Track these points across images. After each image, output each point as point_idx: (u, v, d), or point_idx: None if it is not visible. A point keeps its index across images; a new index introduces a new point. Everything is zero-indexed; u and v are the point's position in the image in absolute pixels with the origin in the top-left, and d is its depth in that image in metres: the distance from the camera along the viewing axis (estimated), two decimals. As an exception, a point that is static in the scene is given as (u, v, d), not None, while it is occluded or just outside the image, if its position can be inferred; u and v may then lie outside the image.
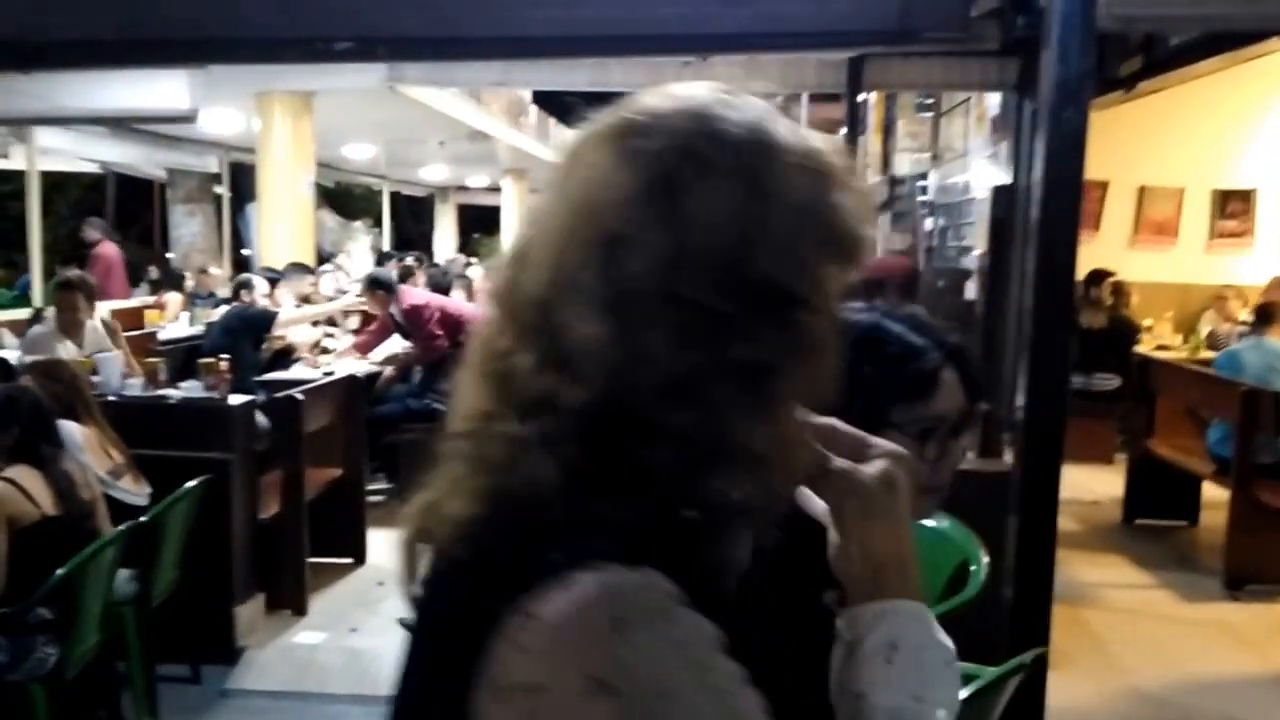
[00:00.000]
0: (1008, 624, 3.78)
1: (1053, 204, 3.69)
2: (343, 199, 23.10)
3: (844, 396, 1.55)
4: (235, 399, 5.57)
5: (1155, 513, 7.75)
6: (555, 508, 0.86)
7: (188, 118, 7.86)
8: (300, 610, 5.80)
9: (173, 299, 11.86)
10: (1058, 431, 3.92)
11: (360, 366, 7.42)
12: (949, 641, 1.03)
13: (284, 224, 11.38)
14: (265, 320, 7.74)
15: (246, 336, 7.09)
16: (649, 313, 0.86)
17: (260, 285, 8.20)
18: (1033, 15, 4.20)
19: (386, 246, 20.12)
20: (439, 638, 0.88)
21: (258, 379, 6.99)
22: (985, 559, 3.62)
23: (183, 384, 5.70)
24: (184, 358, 7.38)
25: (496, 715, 0.82)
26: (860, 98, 15.86)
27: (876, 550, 1.03)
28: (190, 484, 4.73)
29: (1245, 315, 8.13)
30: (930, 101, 14.22)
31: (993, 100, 10.94)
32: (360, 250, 17.81)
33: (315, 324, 8.75)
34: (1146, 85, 8.38)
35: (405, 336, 8.20)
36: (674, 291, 0.86)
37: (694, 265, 0.86)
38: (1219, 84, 8.89)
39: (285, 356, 7.79)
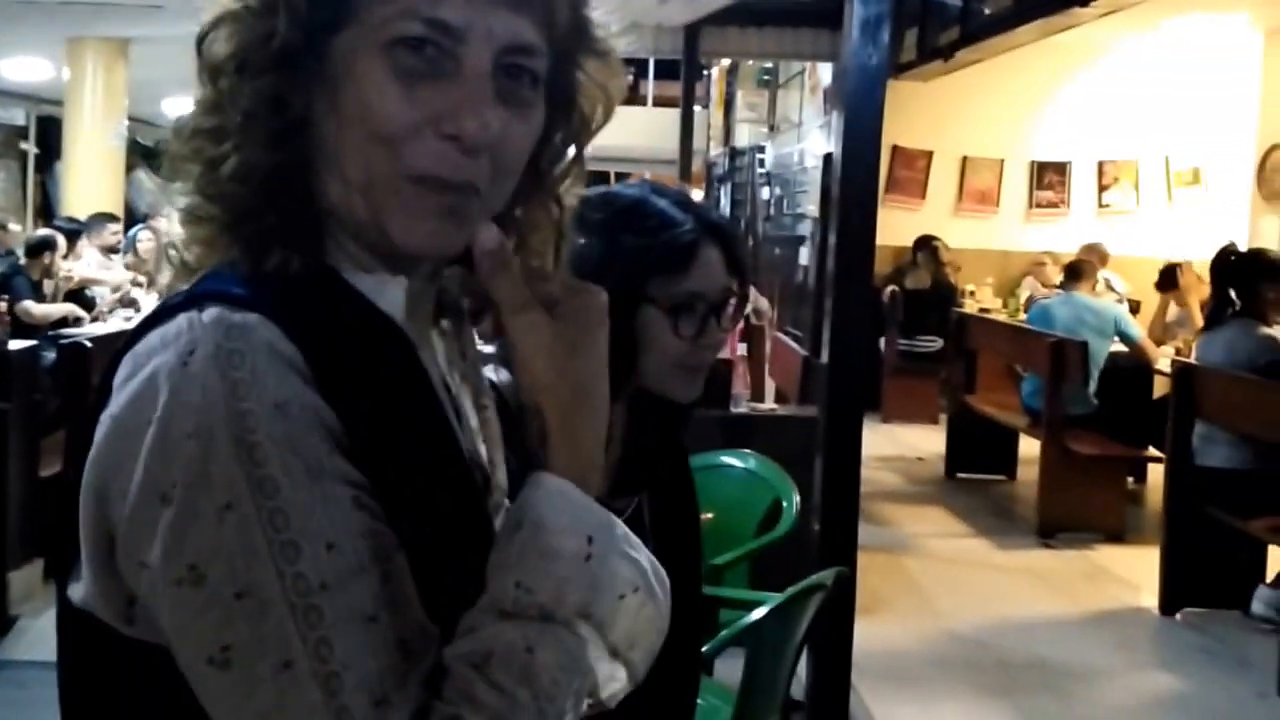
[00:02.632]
0: (817, 557, 3.87)
1: (853, 138, 3.77)
2: (163, 159, 22.35)
3: (602, 265, 1.55)
4: (15, 344, 5.17)
5: (975, 467, 7.95)
6: (204, 258, 0.88)
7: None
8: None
9: None
10: (858, 380, 4.05)
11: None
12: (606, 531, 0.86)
13: (92, 179, 10.65)
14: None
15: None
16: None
17: (61, 245, 7.65)
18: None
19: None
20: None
21: (50, 333, 6.49)
22: (797, 498, 3.67)
23: (-42, 328, 5.24)
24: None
25: (95, 440, 0.82)
26: (704, 71, 16.05)
27: (559, 406, 0.86)
28: (-45, 432, 4.28)
29: (1060, 280, 8.37)
30: (768, 75, 14.43)
31: (826, 72, 11.13)
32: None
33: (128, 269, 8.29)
34: (965, 55, 8.59)
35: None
36: None
37: None
38: (1033, 55, 9.17)
39: (86, 308, 7.37)
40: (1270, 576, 5.31)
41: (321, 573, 0.76)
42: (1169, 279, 7.50)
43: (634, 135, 22.33)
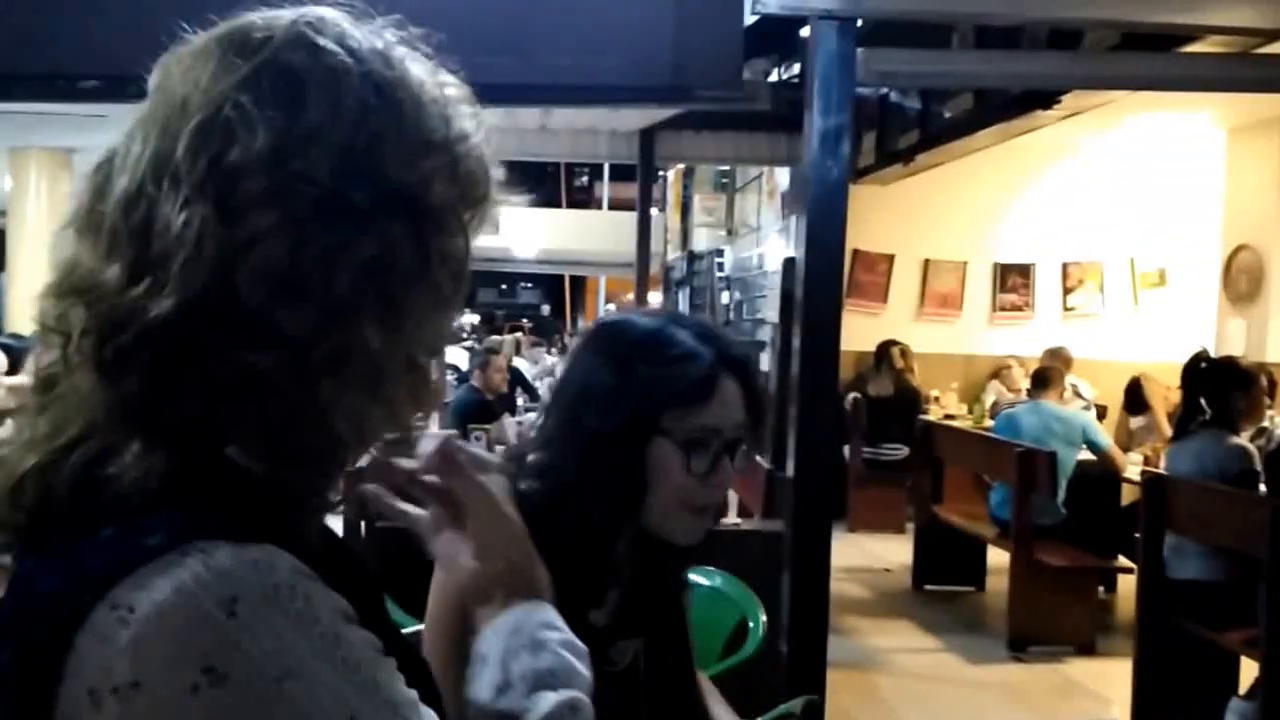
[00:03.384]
0: (785, 678, 3.74)
1: (816, 251, 3.72)
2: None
3: (614, 395, 1.54)
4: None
5: (943, 578, 7.79)
6: (145, 477, 0.78)
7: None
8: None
9: None
10: (825, 492, 3.98)
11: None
12: (573, 637, 1.02)
13: (39, 291, 10.57)
14: None
15: None
16: (255, 196, 0.80)
17: (2, 363, 7.51)
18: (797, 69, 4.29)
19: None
20: (12, 642, 0.75)
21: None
22: (764, 617, 3.53)
23: None
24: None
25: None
26: (660, 174, 16.06)
27: (510, 556, 1.03)
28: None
29: (1026, 384, 8.31)
30: (725, 178, 14.52)
31: (783, 176, 11.17)
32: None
33: None
34: (926, 159, 8.61)
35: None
36: (288, 176, 0.80)
37: (310, 151, 0.81)
38: (995, 157, 9.20)
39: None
40: (1243, 688, 5.18)
41: None
42: (1136, 398, 7.46)
43: (590, 239, 22.52)
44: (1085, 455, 6.93)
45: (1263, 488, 4.98)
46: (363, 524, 5.73)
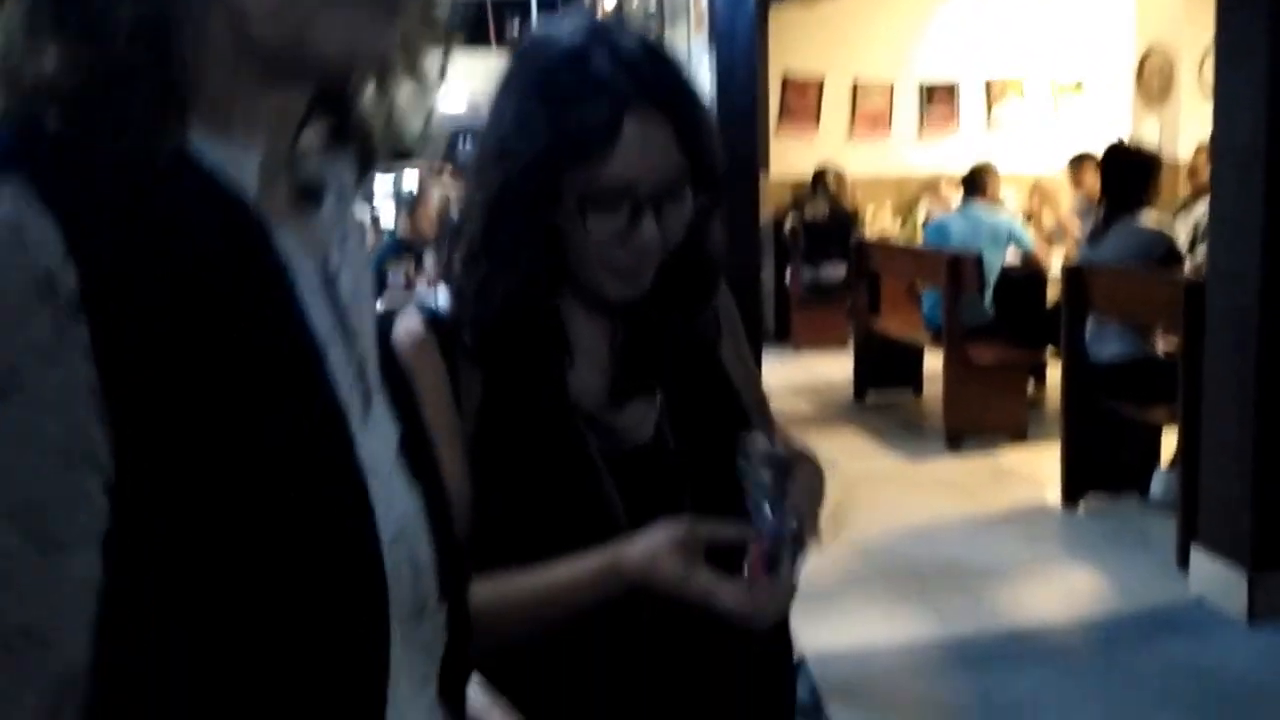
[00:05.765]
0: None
1: (724, 39, 3.72)
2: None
3: (516, 144, 1.23)
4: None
5: (884, 386, 8.03)
6: None
7: None
8: None
9: None
10: (754, 313, 4.03)
11: None
12: None
13: None
14: None
15: None
16: None
17: None
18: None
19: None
20: None
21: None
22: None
23: None
24: None
25: None
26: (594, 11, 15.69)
27: None
28: None
29: (957, 199, 8.45)
30: (656, 11, 14.33)
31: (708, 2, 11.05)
32: None
33: None
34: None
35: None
36: None
37: None
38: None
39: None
40: (1164, 461, 5.44)
41: None
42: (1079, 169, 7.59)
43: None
44: (1012, 261, 7.12)
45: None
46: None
